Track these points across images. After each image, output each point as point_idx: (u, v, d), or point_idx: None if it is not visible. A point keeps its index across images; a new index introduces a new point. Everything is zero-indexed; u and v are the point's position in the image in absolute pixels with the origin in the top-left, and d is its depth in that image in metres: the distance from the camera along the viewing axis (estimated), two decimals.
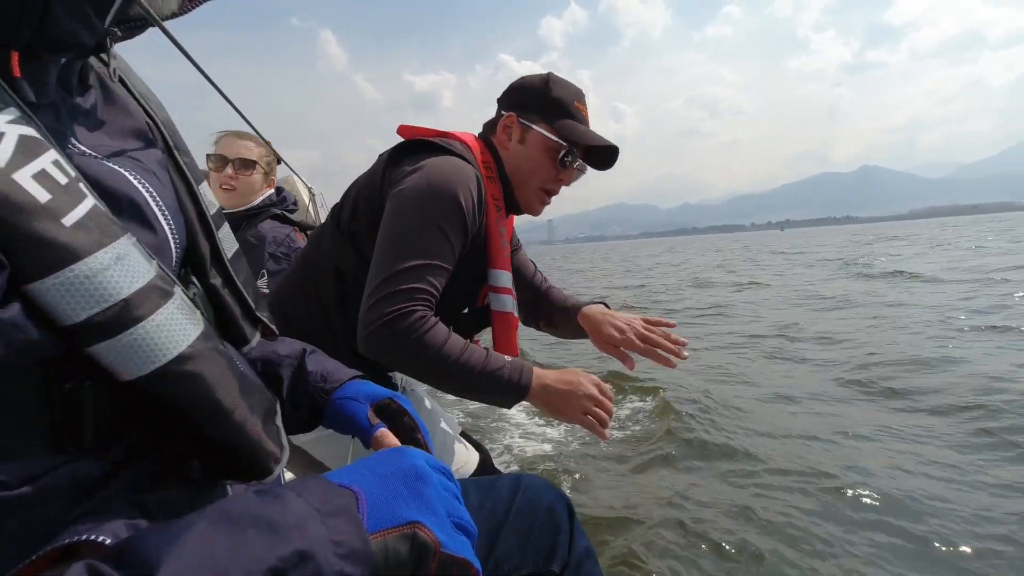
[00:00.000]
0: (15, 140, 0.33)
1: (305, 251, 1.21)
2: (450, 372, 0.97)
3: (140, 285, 0.37)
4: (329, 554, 0.32)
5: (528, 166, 1.18)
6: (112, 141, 0.46)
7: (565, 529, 0.78)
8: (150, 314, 0.37)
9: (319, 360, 0.72)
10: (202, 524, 0.31)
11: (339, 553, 0.33)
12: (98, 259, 0.34)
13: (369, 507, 0.37)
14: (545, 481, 0.84)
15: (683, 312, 7.33)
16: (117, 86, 0.51)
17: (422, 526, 0.37)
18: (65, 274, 0.33)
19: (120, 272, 0.36)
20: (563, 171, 1.19)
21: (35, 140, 0.34)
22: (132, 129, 0.49)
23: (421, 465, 0.42)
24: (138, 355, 0.36)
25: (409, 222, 1.00)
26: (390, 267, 0.97)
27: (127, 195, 0.42)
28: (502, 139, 1.21)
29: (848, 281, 9.55)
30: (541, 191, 1.21)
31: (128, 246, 0.37)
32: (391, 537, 0.36)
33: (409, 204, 1.01)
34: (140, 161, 0.47)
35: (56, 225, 0.33)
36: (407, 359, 0.96)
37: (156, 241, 0.44)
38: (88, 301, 0.34)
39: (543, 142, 1.16)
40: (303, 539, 0.32)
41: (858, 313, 6.00)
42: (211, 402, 0.41)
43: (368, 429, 0.65)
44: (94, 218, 0.35)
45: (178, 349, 0.38)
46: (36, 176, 0.33)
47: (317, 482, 0.38)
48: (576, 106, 1.18)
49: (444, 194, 1.01)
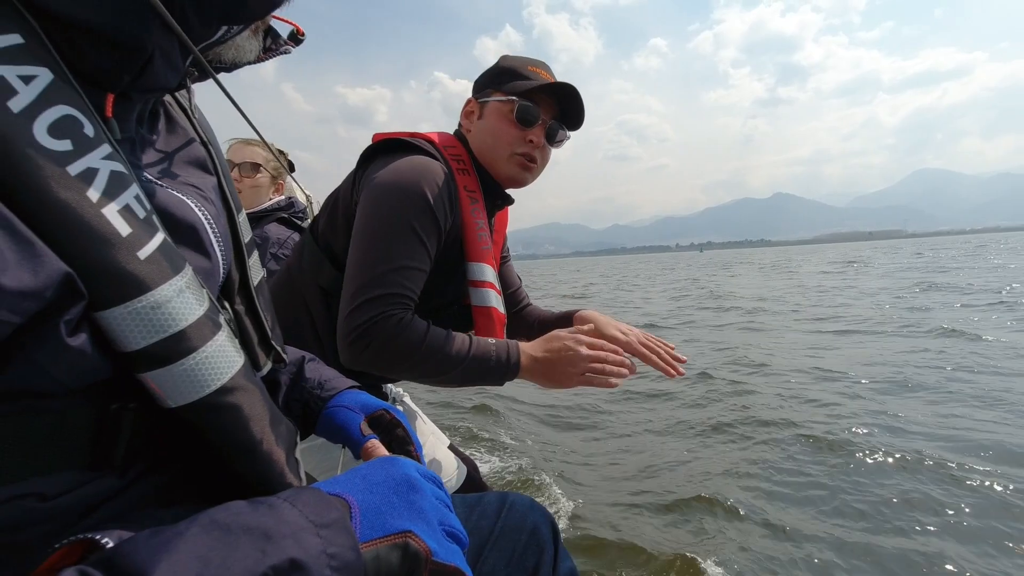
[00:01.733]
0: (107, 176, 0.35)
1: (289, 264, 1.19)
2: (438, 367, 0.94)
3: (196, 317, 0.38)
4: (322, 566, 0.33)
5: (491, 138, 1.14)
6: (175, 169, 0.48)
7: (549, 550, 0.78)
8: (202, 345, 0.38)
9: (317, 367, 0.72)
10: (194, 531, 0.31)
11: (332, 565, 0.33)
12: (163, 291, 0.36)
13: (362, 517, 0.38)
14: (531, 500, 0.84)
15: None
16: (178, 114, 0.53)
17: (414, 535, 0.38)
18: (134, 304, 0.34)
19: (180, 304, 0.37)
20: (528, 129, 1.12)
21: (123, 176, 0.36)
22: (193, 158, 0.51)
23: (413, 474, 0.43)
24: (187, 384, 0.37)
25: (378, 226, 0.97)
26: (361, 276, 0.94)
27: (188, 222, 0.44)
28: (466, 125, 1.19)
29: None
30: (515, 156, 1.14)
31: (190, 278, 0.39)
32: (383, 546, 0.37)
33: (376, 208, 0.98)
34: (200, 189, 0.49)
35: (132, 258, 0.35)
36: (390, 364, 0.93)
37: (209, 267, 0.46)
38: (150, 330, 0.35)
39: (498, 108, 1.13)
40: (297, 549, 0.32)
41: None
42: (244, 432, 0.42)
43: (359, 440, 0.64)
44: (163, 251, 0.37)
45: (221, 381, 0.40)
46: (121, 211, 0.35)
47: (310, 492, 0.38)
48: (530, 69, 1.15)
49: (410, 193, 0.98)
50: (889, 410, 3.11)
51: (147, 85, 0.41)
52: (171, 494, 0.42)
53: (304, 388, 0.69)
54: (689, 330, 7.00)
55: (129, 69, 0.39)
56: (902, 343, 5.08)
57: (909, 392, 3.48)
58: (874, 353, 4.72)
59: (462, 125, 1.20)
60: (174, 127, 0.51)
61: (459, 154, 1.14)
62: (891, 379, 3.78)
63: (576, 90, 1.12)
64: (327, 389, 0.70)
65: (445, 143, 1.14)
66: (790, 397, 3.55)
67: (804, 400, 3.47)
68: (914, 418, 2.96)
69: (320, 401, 0.69)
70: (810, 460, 2.52)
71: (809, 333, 6.03)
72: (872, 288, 10.58)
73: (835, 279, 13.94)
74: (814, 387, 3.76)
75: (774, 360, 4.68)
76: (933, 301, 7.96)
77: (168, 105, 0.52)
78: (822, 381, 3.91)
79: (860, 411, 3.14)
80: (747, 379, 4.11)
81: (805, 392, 3.64)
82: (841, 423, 2.94)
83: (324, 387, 0.70)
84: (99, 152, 0.35)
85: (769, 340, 5.78)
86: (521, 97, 1.11)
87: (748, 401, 3.52)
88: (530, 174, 1.17)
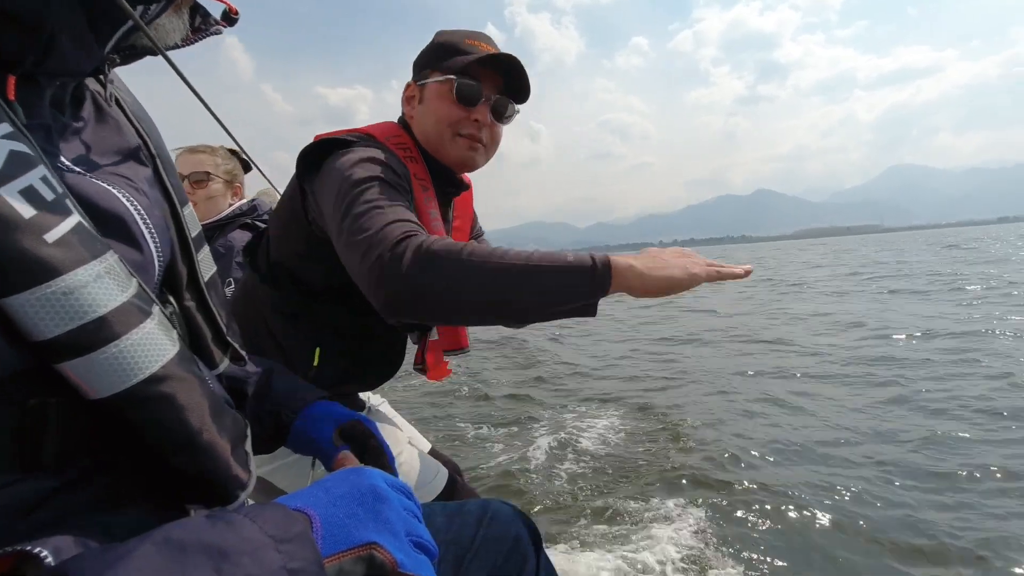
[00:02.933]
0: (5, 155, 0.33)
1: (250, 276, 1.14)
2: (497, 278, 0.70)
3: (119, 303, 0.37)
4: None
5: (433, 122, 1.05)
6: (102, 159, 0.46)
7: (532, 560, 0.76)
8: (126, 332, 0.37)
9: (286, 379, 0.71)
10: (146, 549, 0.29)
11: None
12: (78, 276, 0.34)
13: (324, 530, 0.37)
14: (513, 508, 0.82)
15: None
16: (110, 103, 0.50)
17: (379, 547, 0.37)
18: (43, 290, 0.33)
19: (99, 289, 0.35)
20: (471, 109, 1.04)
21: (25, 155, 0.34)
22: (124, 148, 0.49)
23: (379, 485, 0.42)
24: (110, 373, 0.36)
25: (350, 184, 0.85)
26: (355, 222, 0.79)
27: (114, 212, 0.42)
28: (408, 111, 1.11)
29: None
30: (458, 137, 1.06)
31: (111, 263, 0.37)
32: (347, 560, 0.36)
33: (343, 179, 0.86)
34: (130, 179, 0.47)
35: (37, 241, 0.33)
36: (440, 291, 0.70)
37: (141, 259, 0.44)
38: (64, 317, 0.34)
39: (437, 89, 1.05)
40: (255, 566, 0.31)
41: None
42: (179, 424, 0.40)
43: (331, 451, 0.64)
44: (78, 235, 0.35)
45: (151, 369, 0.38)
46: (23, 191, 0.33)
47: (271, 507, 0.37)
48: (467, 43, 1.06)
49: (367, 161, 0.90)
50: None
51: (54, 68, 0.39)
52: (118, 495, 0.40)
53: (274, 399, 0.67)
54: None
55: (31, 49, 0.37)
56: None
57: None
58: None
59: (405, 112, 1.12)
60: (103, 116, 0.49)
61: (404, 142, 1.06)
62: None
63: (517, 59, 1.04)
64: (297, 400, 0.68)
65: (388, 133, 1.06)
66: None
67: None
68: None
69: (291, 413, 0.67)
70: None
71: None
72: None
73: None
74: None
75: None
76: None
77: (96, 94, 0.49)
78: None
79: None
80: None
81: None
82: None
83: (294, 398, 0.68)
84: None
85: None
86: (460, 75, 1.02)
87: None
88: (479, 155, 1.10)
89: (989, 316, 6.10)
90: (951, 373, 3.89)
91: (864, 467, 2.46)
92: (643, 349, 6.01)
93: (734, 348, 5.58)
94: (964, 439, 2.70)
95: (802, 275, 15.95)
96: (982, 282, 9.66)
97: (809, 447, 2.72)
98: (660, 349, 5.89)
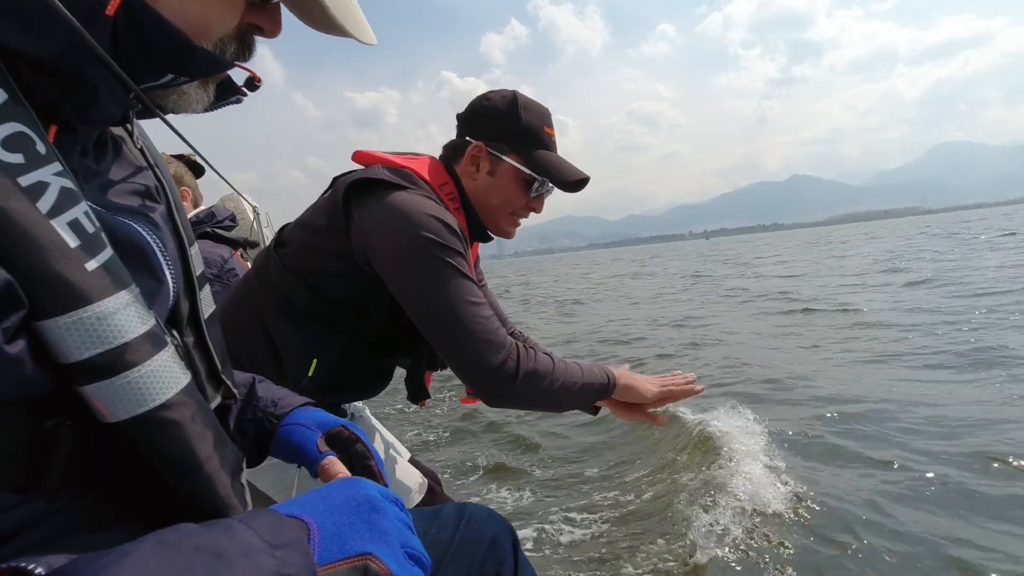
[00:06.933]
0: (57, 191, 0.36)
1: (248, 280, 1.14)
2: (569, 396, 1.05)
3: (142, 331, 0.38)
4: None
5: (499, 198, 1.14)
6: (123, 199, 0.48)
7: (509, 560, 0.78)
8: (147, 359, 0.38)
9: (268, 387, 0.71)
10: (144, 550, 0.30)
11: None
12: (109, 304, 0.36)
13: (320, 539, 0.37)
14: (490, 511, 0.84)
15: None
16: (128, 145, 0.52)
17: (374, 558, 0.38)
18: (80, 314, 0.35)
19: (126, 317, 0.37)
20: (534, 200, 1.17)
21: (72, 192, 0.37)
22: (142, 186, 0.51)
23: (375, 496, 0.43)
24: (129, 397, 0.37)
25: (428, 256, 0.96)
26: (457, 327, 0.96)
27: (137, 245, 0.44)
28: (468, 169, 1.15)
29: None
30: (512, 216, 1.19)
31: (136, 294, 0.39)
32: (342, 569, 0.37)
33: (413, 240, 0.96)
34: (148, 216, 0.49)
35: (79, 269, 0.35)
36: (536, 399, 1.03)
37: (159, 290, 0.46)
38: (94, 341, 0.35)
39: (515, 174, 1.13)
40: (250, 569, 0.32)
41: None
42: (187, 451, 0.41)
43: (316, 457, 0.63)
44: (110, 266, 0.37)
45: (166, 396, 0.39)
46: (70, 223, 0.36)
47: (267, 514, 0.38)
48: (546, 132, 1.15)
49: (435, 220, 0.97)
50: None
51: (92, 117, 0.42)
52: (101, 515, 0.40)
53: (257, 408, 0.67)
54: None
55: (74, 102, 0.40)
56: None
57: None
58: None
59: (462, 167, 1.16)
60: (122, 156, 0.51)
61: (452, 193, 1.13)
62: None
63: (588, 180, 1.19)
64: (281, 407, 0.68)
65: (437, 178, 1.11)
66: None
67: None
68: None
69: (274, 419, 0.67)
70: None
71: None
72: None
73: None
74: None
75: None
76: None
77: (114, 135, 0.51)
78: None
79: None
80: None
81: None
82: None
83: (278, 405, 0.68)
84: (50, 168, 0.36)
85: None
86: (541, 174, 1.13)
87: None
88: (516, 229, 1.24)
89: None
90: None
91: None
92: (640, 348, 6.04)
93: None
94: None
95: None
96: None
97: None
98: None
